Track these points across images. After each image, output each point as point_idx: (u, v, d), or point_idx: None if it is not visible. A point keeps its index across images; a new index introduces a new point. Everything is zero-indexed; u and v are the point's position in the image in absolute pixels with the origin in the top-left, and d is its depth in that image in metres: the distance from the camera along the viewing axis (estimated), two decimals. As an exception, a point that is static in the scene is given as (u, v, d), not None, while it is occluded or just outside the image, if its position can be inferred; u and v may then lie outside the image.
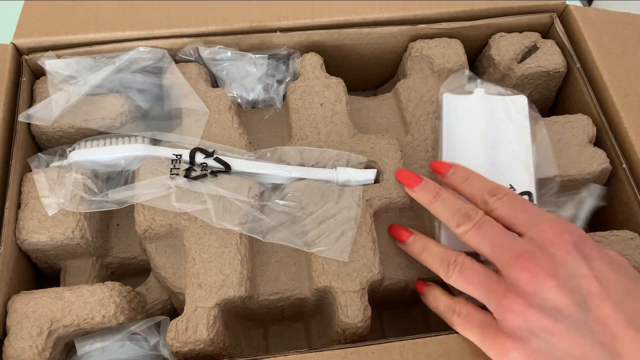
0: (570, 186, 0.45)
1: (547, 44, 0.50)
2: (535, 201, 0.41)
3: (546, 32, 0.53)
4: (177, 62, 0.47)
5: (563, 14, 0.52)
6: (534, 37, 0.50)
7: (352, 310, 0.38)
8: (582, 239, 0.33)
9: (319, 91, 0.46)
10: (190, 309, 0.37)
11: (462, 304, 0.35)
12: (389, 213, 0.43)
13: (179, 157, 0.42)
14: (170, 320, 0.37)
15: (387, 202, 0.42)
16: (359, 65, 0.53)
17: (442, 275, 0.36)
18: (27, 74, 0.46)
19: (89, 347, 0.38)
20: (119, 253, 0.45)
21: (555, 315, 0.30)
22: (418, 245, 0.39)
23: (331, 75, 0.48)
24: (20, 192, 0.42)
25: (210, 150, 0.43)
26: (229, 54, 0.47)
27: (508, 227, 0.35)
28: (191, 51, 0.47)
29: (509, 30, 0.51)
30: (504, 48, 0.50)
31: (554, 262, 0.32)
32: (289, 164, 0.43)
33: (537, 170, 0.43)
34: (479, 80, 0.47)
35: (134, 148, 0.43)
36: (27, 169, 0.43)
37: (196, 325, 0.36)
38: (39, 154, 0.44)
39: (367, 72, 0.55)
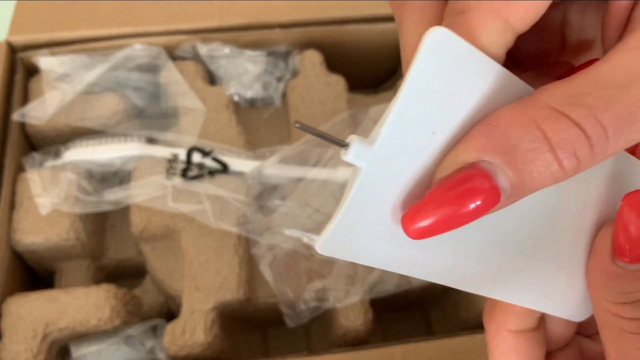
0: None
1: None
2: None
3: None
4: (174, 59, 0.47)
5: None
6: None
7: (353, 313, 0.37)
8: None
9: (319, 89, 0.45)
10: (187, 311, 0.36)
11: None
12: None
13: (175, 156, 0.41)
14: (167, 323, 0.37)
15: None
16: (360, 62, 0.53)
17: None
18: (21, 72, 0.46)
19: (85, 350, 0.38)
20: (114, 255, 0.44)
21: None
22: None
23: (331, 72, 0.47)
24: (14, 193, 0.41)
25: (208, 149, 0.42)
26: (227, 51, 0.47)
27: None
28: (188, 48, 0.47)
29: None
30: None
31: None
32: (288, 163, 0.42)
33: None
34: None
35: (129, 147, 0.42)
36: (22, 169, 0.43)
37: (193, 328, 0.36)
38: (33, 153, 0.43)
39: (368, 69, 0.54)
